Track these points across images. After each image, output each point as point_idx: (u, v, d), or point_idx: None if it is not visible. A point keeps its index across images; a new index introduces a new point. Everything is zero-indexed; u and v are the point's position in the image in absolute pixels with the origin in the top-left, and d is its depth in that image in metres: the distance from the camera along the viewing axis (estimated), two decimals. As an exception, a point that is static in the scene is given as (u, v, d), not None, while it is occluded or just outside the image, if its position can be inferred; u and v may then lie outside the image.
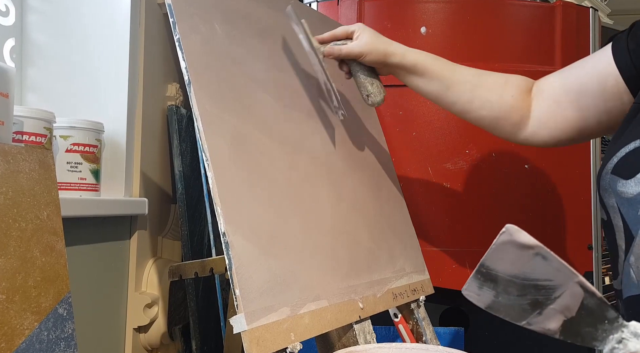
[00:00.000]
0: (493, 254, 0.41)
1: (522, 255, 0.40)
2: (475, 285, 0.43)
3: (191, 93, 0.58)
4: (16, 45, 1.04)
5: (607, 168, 0.56)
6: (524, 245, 0.40)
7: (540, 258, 0.41)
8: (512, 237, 0.40)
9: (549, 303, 0.42)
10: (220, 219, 0.54)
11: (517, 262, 0.41)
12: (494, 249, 0.41)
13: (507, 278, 0.42)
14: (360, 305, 0.68)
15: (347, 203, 0.78)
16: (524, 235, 0.40)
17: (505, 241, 0.40)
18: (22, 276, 0.62)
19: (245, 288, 0.52)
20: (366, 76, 0.79)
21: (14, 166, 0.65)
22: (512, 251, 0.41)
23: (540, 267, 0.41)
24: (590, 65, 0.67)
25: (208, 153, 0.56)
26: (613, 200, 0.56)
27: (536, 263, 0.41)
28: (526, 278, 0.42)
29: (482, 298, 0.43)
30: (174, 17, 0.59)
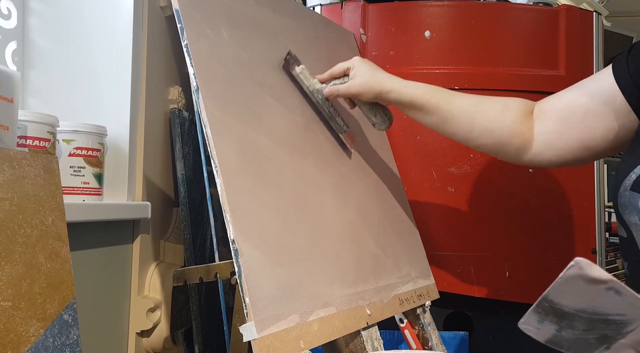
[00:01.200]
0: (559, 287, 0.39)
1: (592, 289, 0.38)
2: (534, 319, 0.41)
3: (199, 100, 0.57)
4: (18, 48, 1.04)
5: (626, 184, 0.55)
6: (596, 279, 0.37)
7: (613, 293, 0.38)
8: (583, 271, 0.37)
9: (619, 337, 0.40)
10: (229, 226, 0.53)
11: (585, 296, 0.39)
12: (560, 282, 0.38)
13: (572, 312, 0.40)
14: (368, 312, 0.67)
15: (352, 209, 0.78)
16: (596, 270, 0.37)
17: (574, 275, 0.38)
18: (27, 282, 0.61)
19: (254, 296, 0.52)
20: (369, 108, 0.82)
21: (19, 171, 0.64)
22: (580, 286, 0.38)
23: (612, 302, 0.38)
24: (596, 86, 0.67)
25: (217, 160, 0.55)
26: (635, 217, 0.54)
27: (608, 298, 0.38)
28: (595, 312, 0.39)
29: (542, 332, 0.42)
30: (181, 22, 0.59)
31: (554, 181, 1.05)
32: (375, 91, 0.77)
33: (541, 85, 1.03)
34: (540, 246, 1.04)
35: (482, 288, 1.00)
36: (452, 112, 0.75)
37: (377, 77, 0.78)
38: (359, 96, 0.78)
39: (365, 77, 0.77)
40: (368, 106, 0.81)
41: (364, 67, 0.78)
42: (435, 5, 1.04)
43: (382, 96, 0.77)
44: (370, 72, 0.78)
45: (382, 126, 0.82)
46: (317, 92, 0.81)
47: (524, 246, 1.04)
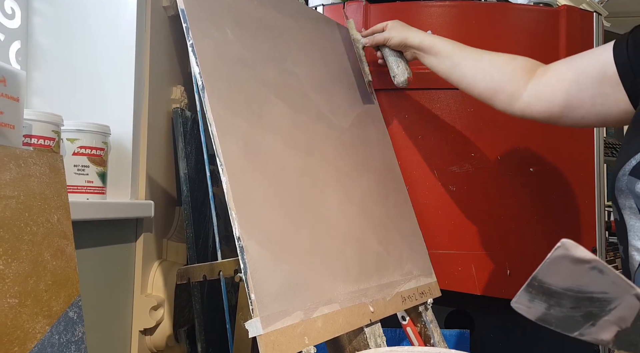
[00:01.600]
0: (547, 268, 0.41)
1: (578, 269, 0.40)
2: (525, 298, 0.43)
3: (205, 99, 0.58)
4: (21, 48, 1.04)
5: (625, 169, 0.58)
6: (581, 259, 0.40)
7: (597, 272, 0.40)
8: (569, 252, 0.40)
9: (603, 314, 0.42)
10: (235, 224, 0.54)
11: (571, 276, 0.41)
12: (548, 262, 0.40)
13: (560, 291, 0.42)
14: (371, 309, 0.68)
15: (355, 207, 0.79)
16: (580, 250, 0.40)
17: (561, 255, 0.40)
18: (33, 280, 0.62)
19: (260, 293, 0.52)
20: (394, 58, 0.96)
21: (25, 170, 0.65)
22: (567, 265, 0.40)
23: (596, 280, 0.41)
24: (596, 53, 0.72)
25: (223, 158, 0.56)
26: (631, 201, 0.57)
27: (592, 277, 0.40)
28: (581, 291, 0.41)
29: (533, 310, 0.43)
30: (187, 22, 0.60)
31: (555, 179, 1.06)
32: (402, 34, 0.92)
33: (542, 85, 1.04)
34: (541, 244, 1.04)
35: (483, 287, 1.01)
36: (462, 58, 0.85)
37: (405, 27, 0.95)
38: (387, 40, 0.94)
39: (395, 26, 0.95)
40: (393, 57, 0.96)
41: (397, 22, 0.96)
42: (437, 5, 1.05)
43: (408, 39, 0.91)
44: (401, 24, 0.95)
45: (401, 78, 0.95)
46: (357, 42, 1.03)
47: (525, 245, 1.04)
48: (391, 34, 0.94)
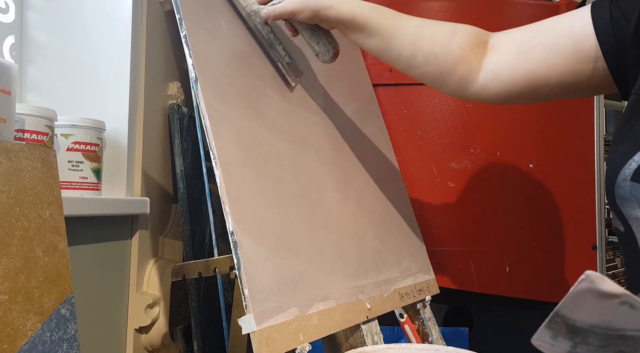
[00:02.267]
0: (570, 302, 0.37)
1: (605, 304, 0.36)
2: (548, 335, 0.39)
3: (198, 90, 0.57)
4: (16, 43, 1.03)
5: (625, 173, 0.50)
6: (608, 293, 0.36)
7: (628, 307, 0.36)
8: (594, 285, 0.36)
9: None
10: (228, 217, 0.53)
11: (598, 311, 0.37)
12: (571, 297, 0.37)
13: (586, 328, 0.38)
14: (368, 306, 0.67)
15: (353, 203, 0.77)
16: (608, 283, 0.35)
17: (585, 289, 0.36)
18: (24, 276, 0.61)
19: (254, 288, 0.51)
20: (310, 34, 0.73)
21: (17, 164, 0.64)
22: (593, 300, 0.36)
23: (627, 317, 0.37)
24: (568, 24, 0.60)
25: (216, 151, 0.55)
26: (637, 211, 0.49)
27: (623, 313, 0.36)
28: (610, 328, 0.38)
29: (556, 348, 0.40)
30: (180, 13, 0.58)
31: (555, 176, 1.05)
32: (313, 7, 0.69)
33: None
34: (541, 241, 1.03)
35: (482, 284, 1.00)
36: (395, 34, 0.68)
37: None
38: (295, 14, 0.70)
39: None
40: (309, 31, 0.73)
41: None
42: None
43: (321, 13, 0.69)
44: None
45: (325, 57, 0.74)
46: (254, 14, 0.72)
47: (525, 242, 1.03)
48: (296, 6, 0.69)
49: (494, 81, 0.64)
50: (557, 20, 0.62)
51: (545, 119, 1.04)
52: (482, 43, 0.67)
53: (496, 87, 0.64)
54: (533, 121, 1.03)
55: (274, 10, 0.71)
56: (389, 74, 0.97)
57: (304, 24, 0.73)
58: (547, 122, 0.94)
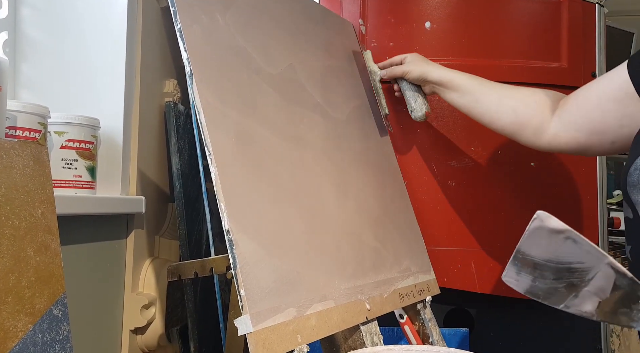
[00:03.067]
0: (527, 240, 0.43)
1: (554, 240, 0.42)
2: (513, 271, 0.45)
3: (193, 85, 0.55)
4: (9, 39, 1.01)
5: (637, 164, 0.55)
6: (555, 229, 0.42)
7: (571, 242, 0.42)
8: (543, 223, 0.42)
9: (583, 285, 0.44)
10: (224, 216, 0.51)
11: (550, 246, 0.43)
12: (527, 235, 0.43)
13: (542, 262, 0.44)
14: (367, 306, 0.65)
15: (352, 202, 0.76)
16: (554, 220, 0.42)
17: (537, 227, 0.42)
18: (15, 276, 0.59)
19: (250, 289, 0.50)
20: (412, 92, 0.94)
21: (7, 161, 0.62)
22: (544, 236, 0.42)
23: (571, 250, 0.43)
24: (612, 75, 0.70)
25: (211, 148, 0.53)
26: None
27: (567, 247, 0.43)
28: (560, 261, 0.43)
29: (521, 283, 0.45)
30: (175, 6, 0.57)
31: (556, 176, 1.03)
32: (420, 69, 0.91)
33: (543, 77, 1.02)
34: (542, 241, 1.02)
35: (483, 284, 0.99)
36: (483, 93, 0.83)
37: (425, 61, 0.93)
38: (405, 74, 0.92)
39: (415, 60, 0.93)
40: (411, 91, 0.94)
41: (416, 56, 0.95)
42: (436, -5, 1.03)
43: (426, 74, 0.90)
44: (420, 58, 0.94)
45: (418, 113, 0.94)
46: (374, 74, 1.00)
47: (526, 242, 1.02)
48: (409, 67, 0.92)
49: (563, 131, 0.74)
50: (605, 75, 0.72)
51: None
52: (556, 101, 0.78)
53: (566, 137, 0.74)
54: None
55: (392, 70, 0.95)
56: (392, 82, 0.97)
57: (408, 85, 0.95)
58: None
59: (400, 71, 0.93)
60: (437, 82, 0.89)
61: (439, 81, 0.89)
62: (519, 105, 0.79)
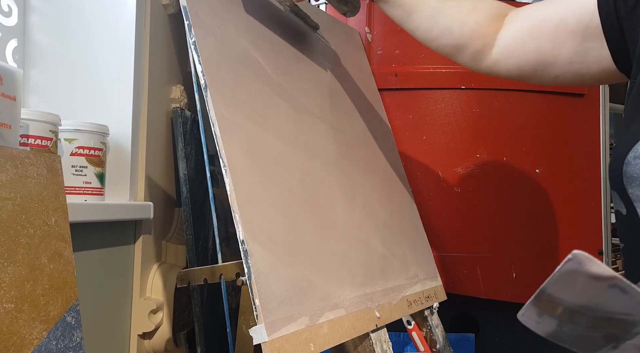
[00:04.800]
0: (556, 281, 0.35)
1: (594, 286, 0.34)
2: (534, 312, 0.37)
3: (207, 98, 0.56)
4: (18, 46, 1.02)
5: (637, 151, 0.47)
6: (596, 275, 0.33)
7: (618, 291, 0.34)
8: (581, 266, 0.33)
9: (628, 338, 0.37)
10: (239, 227, 0.52)
11: (587, 292, 0.35)
12: (557, 276, 0.34)
13: (574, 308, 0.36)
14: (377, 314, 0.66)
15: (360, 209, 0.77)
16: (595, 264, 0.33)
17: (572, 269, 0.34)
18: (30, 284, 0.60)
19: (265, 298, 0.51)
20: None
21: (22, 171, 0.63)
22: (580, 281, 0.34)
23: (616, 300, 0.35)
24: (576, 2, 0.61)
25: (226, 159, 0.54)
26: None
27: (612, 296, 0.34)
28: (598, 310, 0.36)
29: (542, 326, 0.38)
30: (189, 19, 0.58)
31: (561, 181, 1.04)
32: None
33: (549, 85, 1.02)
34: (547, 247, 1.03)
35: (489, 290, 0.99)
36: (417, 7, 0.71)
37: None
38: None
39: None
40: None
41: None
42: (442, 3, 1.03)
43: None
44: None
45: (353, 13, 0.82)
46: None
47: (531, 247, 1.03)
48: None
49: (506, 57, 0.65)
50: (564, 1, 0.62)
51: (552, 124, 1.04)
52: (500, 17, 0.68)
53: (508, 63, 0.65)
54: (539, 126, 1.03)
55: None
56: (395, 78, 0.97)
57: None
58: (553, 127, 0.93)
59: None
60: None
61: None
62: (455, 25, 0.68)
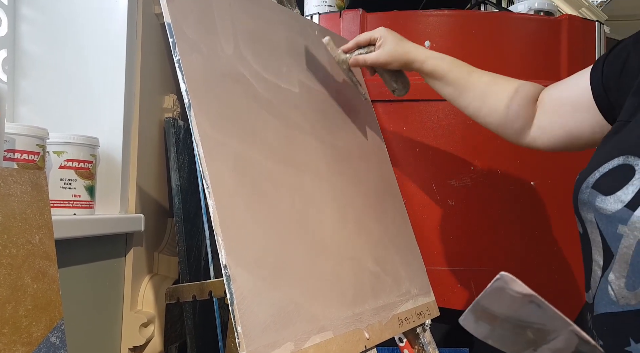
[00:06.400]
0: (488, 296, 0.43)
1: (517, 301, 0.42)
2: (471, 318, 0.46)
3: (191, 117, 0.55)
4: (8, 56, 1.01)
5: (588, 182, 0.57)
6: (519, 293, 0.42)
7: (535, 306, 0.42)
8: (507, 285, 0.42)
9: (543, 343, 0.45)
10: (221, 251, 0.51)
11: (512, 306, 0.43)
12: (488, 292, 0.43)
13: (502, 317, 0.44)
14: (366, 335, 0.65)
15: (351, 225, 0.76)
16: (518, 285, 0.42)
17: (499, 287, 0.42)
18: (12, 305, 0.59)
19: (247, 325, 0.50)
20: (390, 75, 0.86)
21: (5, 189, 0.62)
22: (507, 296, 0.42)
23: (534, 313, 0.43)
24: (584, 80, 0.70)
25: (209, 180, 0.53)
26: (592, 215, 0.56)
27: (531, 309, 0.43)
28: (520, 320, 0.44)
29: (479, 330, 0.46)
30: (173, 37, 0.57)
31: (556, 194, 1.03)
32: (402, 60, 0.82)
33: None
34: (542, 260, 1.02)
35: (483, 304, 0.98)
36: (467, 87, 0.80)
37: (404, 47, 0.83)
38: (386, 65, 0.83)
39: (392, 46, 0.82)
40: (390, 73, 0.86)
41: (390, 36, 0.83)
42: (435, 15, 1.02)
43: (408, 65, 0.82)
44: (397, 41, 0.83)
45: (402, 92, 0.87)
46: (342, 63, 0.85)
47: (526, 261, 1.02)
48: (388, 58, 0.82)
49: (542, 135, 0.76)
50: (579, 78, 0.71)
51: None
52: (535, 99, 0.78)
53: (544, 140, 0.76)
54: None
55: (364, 60, 0.84)
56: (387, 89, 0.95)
57: (386, 69, 0.85)
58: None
59: (377, 63, 0.83)
60: (420, 71, 0.83)
61: (421, 71, 0.83)
62: (501, 106, 0.78)
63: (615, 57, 0.66)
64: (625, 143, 0.57)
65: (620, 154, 0.56)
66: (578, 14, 1.42)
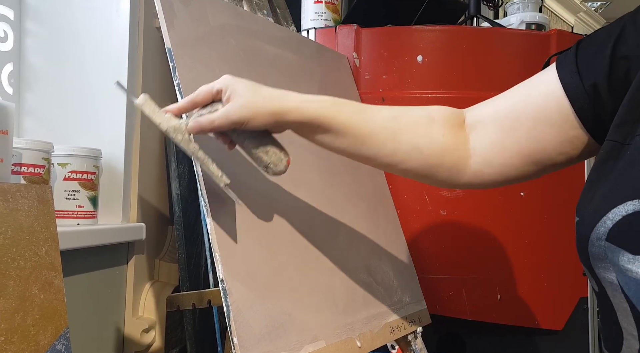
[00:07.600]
0: None
1: None
2: None
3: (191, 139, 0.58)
4: (14, 70, 1.04)
5: (599, 232, 0.45)
6: None
7: None
8: None
9: None
10: (219, 266, 0.54)
11: None
12: None
13: None
14: (358, 344, 0.68)
15: (344, 236, 0.79)
16: None
17: None
18: (20, 315, 0.62)
19: (243, 336, 0.53)
20: (256, 144, 0.58)
21: (13, 204, 0.65)
22: None
23: None
24: (544, 89, 0.54)
25: (207, 198, 0.56)
26: (612, 276, 0.45)
27: None
28: None
29: None
30: (174, 61, 0.60)
31: (546, 204, 1.06)
32: (267, 111, 0.55)
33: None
34: (532, 269, 1.04)
35: (474, 311, 1.01)
36: (369, 130, 0.58)
37: (263, 94, 0.57)
38: (244, 123, 0.55)
39: (247, 97, 0.56)
40: (255, 140, 0.58)
41: (241, 85, 0.57)
42: (428, 30, 1.05)
43: (278, 117, 0.56)
44: (252, 89, 0.57)
45: (279, 167, 0.59)
46: (174, 131, 0.56)
47: (516, 269, 1.04)
48: (244, 113, 0.55)
49: (488, 167, 0.58)
50: (531, 87, 0.57)
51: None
52: (459, 124, 0.60)
53: (491, 172, 0.58)
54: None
55: (209, 122, 0.55)
56: (382, 103, 0.98)
57: (246, 133, 0.57)
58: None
59: (228, 122, 0.55)
60: (298, 124, 0.58)
61: (299, 123, 0.58)
62: (423, 142, 0.58)
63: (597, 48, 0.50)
64: (637, 181, 0.44)
65: (635, 196, 0.43)
66: (576, 18, 1.44)
